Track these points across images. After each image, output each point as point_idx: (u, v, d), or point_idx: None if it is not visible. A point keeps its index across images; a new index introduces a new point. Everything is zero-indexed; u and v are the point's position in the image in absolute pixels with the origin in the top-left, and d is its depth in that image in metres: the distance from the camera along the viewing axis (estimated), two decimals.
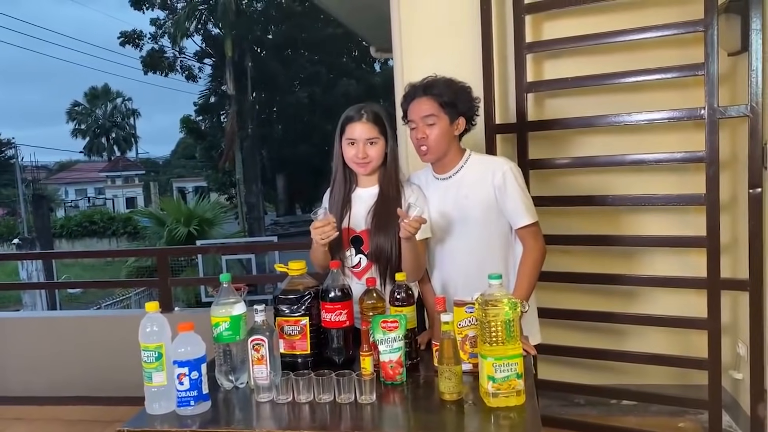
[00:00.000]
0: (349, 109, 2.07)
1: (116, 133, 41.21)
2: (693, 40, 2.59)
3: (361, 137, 2.01)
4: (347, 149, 2.04)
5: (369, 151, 2.02)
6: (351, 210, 2.09)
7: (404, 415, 1.59)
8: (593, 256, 3.04)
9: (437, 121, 2.04)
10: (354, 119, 2.03)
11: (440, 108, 2.04)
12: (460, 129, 2.10)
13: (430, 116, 2.03)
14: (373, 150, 2.02)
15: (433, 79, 2.09)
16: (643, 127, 2.82)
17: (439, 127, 2.04)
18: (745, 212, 2.50)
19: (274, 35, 22.74)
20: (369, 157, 2.02)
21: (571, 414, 3.07)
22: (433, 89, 2.06)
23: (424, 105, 2.05)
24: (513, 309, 1.50)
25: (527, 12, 2.88)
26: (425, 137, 2.04)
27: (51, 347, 3.96)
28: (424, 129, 2.04)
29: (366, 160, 2.02)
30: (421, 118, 2.04)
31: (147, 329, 1.55)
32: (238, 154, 21.50)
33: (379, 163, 2.06)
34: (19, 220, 26.09)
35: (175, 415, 1.54)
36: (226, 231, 17.01)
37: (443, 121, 2.05)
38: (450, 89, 2.07)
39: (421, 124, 2.05)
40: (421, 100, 2.06)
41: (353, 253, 2.07)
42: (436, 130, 2.04)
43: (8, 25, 27.75)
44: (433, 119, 2.03)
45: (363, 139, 2.01)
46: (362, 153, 2.01)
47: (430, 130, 2.04)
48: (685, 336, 2.87)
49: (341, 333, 1.78)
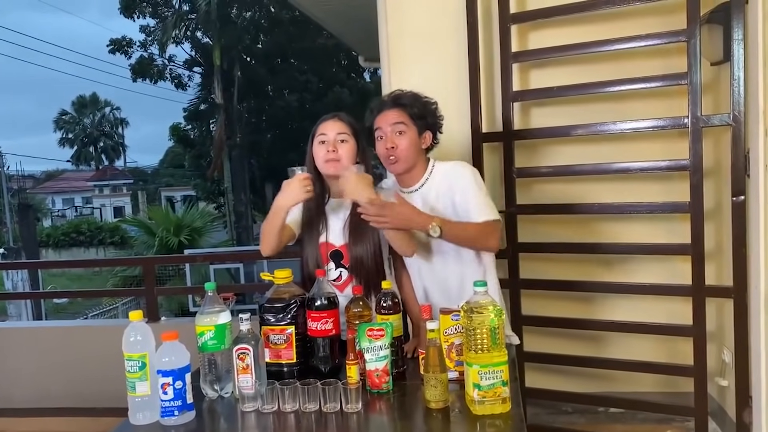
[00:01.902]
0: (323, 116, 2.10)
1: (104, 142, 40.99)
2: (676, 50, 2.62)
3: (332, 133, 2.01)
4: (318, 150, 2.02)
5: (339, 148, 2.00)
6: (327, 223, 2.06)
7: (390, 423, 1.58)
8: (579, 264, 3.06)
9: (406, 129, 2.02)
10: (326, 119, 2.06)
11: (409, 119, 2.04)
12: (426, 143, 2.09)
13: (399, 123, 2.02)
14: (344, 148, 2.00)
15: (401, 92, 2.10)
16: (628, 136, 2.84)
17: (408, 137, 2.02)
18: (729, 220, 2.53)
19: (263, 44, 22.75)
20: (339, 152, 1.99)
21: (559, 422, 3.08)
22: (401, 100, 2.06)
23: (393, 114, 2.04)
24: (498, 316, 1.50)
25: (513, 22, 2.90)
26: (394, 147, 2.01)
27: (36, 358, 3.91)
28: (392, 138, 2.02)
29: (336, 155, 1.99)
30: (390, 125, 2.02)
31: (131, 338, 1.54)
32: (227, 163, 21.46)
33: (349, 164, 2.00)
34: (4, 230, 25.81)
35: (159, 425, 1.53)
36: (214, 240, 16.97)
37: (412, 131, 2.04)
38: (418, 102, 2.08)
39: (390, 134, 2.02)
40: (391, 110, 2.05)
41: (333, 267, 2.05)
42: (405, 139, 2.02)
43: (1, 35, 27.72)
44: (402, 127, 2.02)
45: (333, 135, 2.00)
46: (332, 146, 1.99)
47: (399, 140, 2.02)
48: (671, 343, 2.88)
49: (327, 342, 1.77)
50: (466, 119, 2.95)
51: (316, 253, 2.03)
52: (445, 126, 3.09)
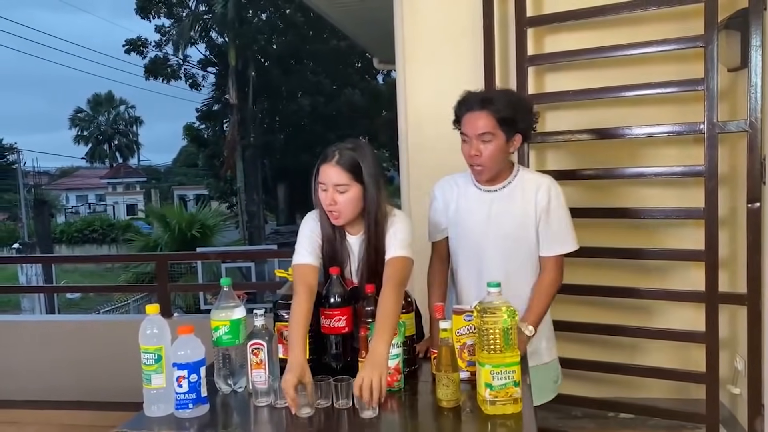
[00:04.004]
0: (329, 148, 1.84)
1: (119, 140, 41.31)
2: (693, 56, 2.61)
3: (329, 182, 1.79)
4: (320, 195, 1.83)
5: (338, 199, 1.78)
6: (350, 260, 1.91)
7: (402, 421, 1.59)
8: (591, 269, 3.04)
9: (493, 138, 1.92)
10: (327, 159, 1.80)
11: (497, 125, 1.91)
12: (516, 146, 1.99)
13: (485, 134, 1.92)
14: (342, 199, 1.78)
15: (493, 93, 2.02)
16: (643, 141, 2.84)
17: (494, 145, 1.92)
18: (744, 226, 2.52)
19: (278, 45, 22.86)
20: (338, 206, 1.79)
21: (569, 426, 3.07)
22: (491, 104, 1.93)
23: (480, 121, 1.92)
24: (511, 317, 1.51)
25: (529, 25, 2.91)
26: (479, 155, 1.93)
27: (47, 351, 3.96)
28: (478, 146, 1.93)
29: (336, 209, 1.79)
30: (476, 135, 1.93)
31: (147, 331, 1.56)
32: (240, 163, 21.57)
33: (352, 213, 1.82)
34: (20, 225, 26.12)
35: (174, 418, 1.55)
36: (226, 239, 17.04)
37: (499, 138, 1.93)
38: (510, 105, 1.95)
39: (475, 141, 1.94)
40: (478, 114, 1.93)
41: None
42: (491, 147, 1.92)
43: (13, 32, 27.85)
44: (488, 137, 1.92)
45: (332, 186, 1.78)
46: (329, 200, 1.79)
47: (485, 147, 1.92)
48: (684, 350, 2.87)
49: (340, 339, 1.78)
50: None
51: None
52: None
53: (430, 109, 3.17)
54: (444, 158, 3.14)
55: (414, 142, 3.21)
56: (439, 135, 3.14)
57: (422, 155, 3.19)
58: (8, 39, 23.25)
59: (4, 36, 27.15)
